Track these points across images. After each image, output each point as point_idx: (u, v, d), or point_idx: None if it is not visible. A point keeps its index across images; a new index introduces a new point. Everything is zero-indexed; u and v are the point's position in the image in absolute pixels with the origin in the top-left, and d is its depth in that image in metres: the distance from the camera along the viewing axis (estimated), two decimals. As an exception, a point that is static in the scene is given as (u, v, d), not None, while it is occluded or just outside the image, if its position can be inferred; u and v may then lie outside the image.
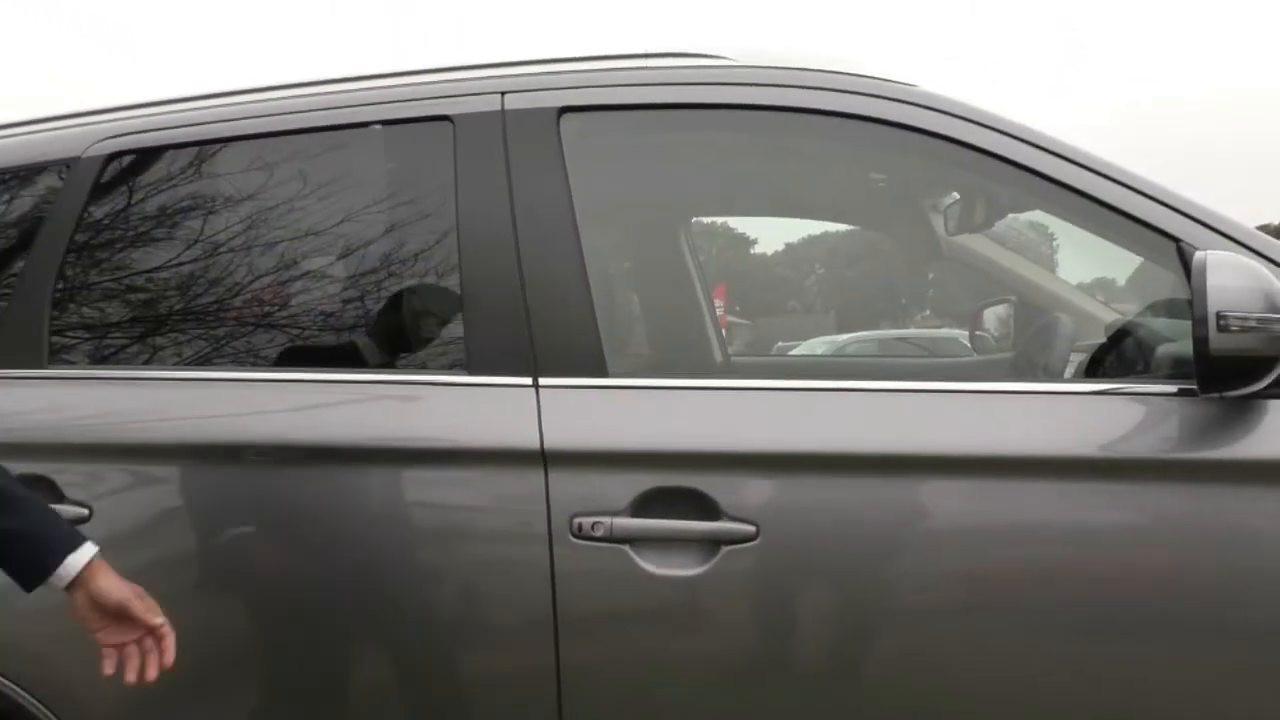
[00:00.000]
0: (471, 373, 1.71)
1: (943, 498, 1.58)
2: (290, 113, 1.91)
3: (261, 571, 1.74)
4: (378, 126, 1.90)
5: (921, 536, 1.59)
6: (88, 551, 1.46)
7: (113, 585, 1.46)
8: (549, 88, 1.82)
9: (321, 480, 1.71)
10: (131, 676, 1.48)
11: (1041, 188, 1.66)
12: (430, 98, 1.85)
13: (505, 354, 1.69)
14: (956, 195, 2.34)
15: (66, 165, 1.94)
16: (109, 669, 1.48)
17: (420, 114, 1.85)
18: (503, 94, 1.82)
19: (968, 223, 2.29)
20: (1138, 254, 1.71)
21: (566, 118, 1.79)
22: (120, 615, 1.47)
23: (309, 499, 1.72)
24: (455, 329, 1.77)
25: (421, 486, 1.71)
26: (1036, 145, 1.65)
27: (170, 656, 1.48)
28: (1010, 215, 2.17)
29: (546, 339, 1.69)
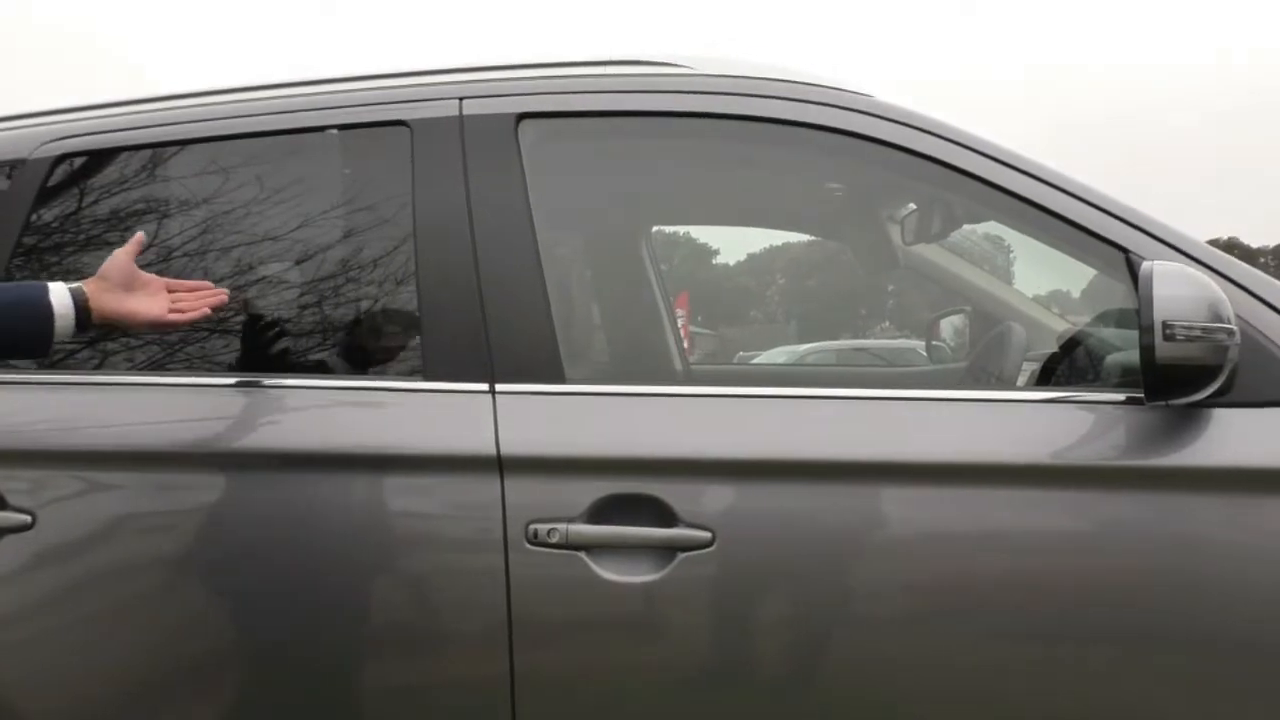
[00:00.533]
0: (428, 379, 1.70)
1: (898, 504, 1.59)
2: (245, 115, 1.89)
3: (211, 579, 1.71)
4: (334, 131, 1.88)
5: (876, 543, 1.59)
6: (59, 293, 1.55)
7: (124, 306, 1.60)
8: (508, 94, 1.81)
9: (275, 487, 1.69)
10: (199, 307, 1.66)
11: (994, 198, 1.68)
12: (387, 102, 1.84)
13: (462, 360, 1.69)
14: (913, 205, 2.36)
15: (13, 166, 1.91)
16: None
17: (377, 119, 1.84)
18: (461, 99, 1.81)
19: (924, 233, 2.31)
20: (1088, 264, 1.74)
21: (525, 124, 1.79)
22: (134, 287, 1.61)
23: (262, 505, 1.69)
24: (412, 335, 1.76)
25: (377, 492, 1.69)
26: (988, 155, 1.67)
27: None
28: (967, 226, 2.20)
29: (503, 345, 1.68)
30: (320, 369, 1.86)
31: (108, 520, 1.73)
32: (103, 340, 1.90)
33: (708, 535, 1.57)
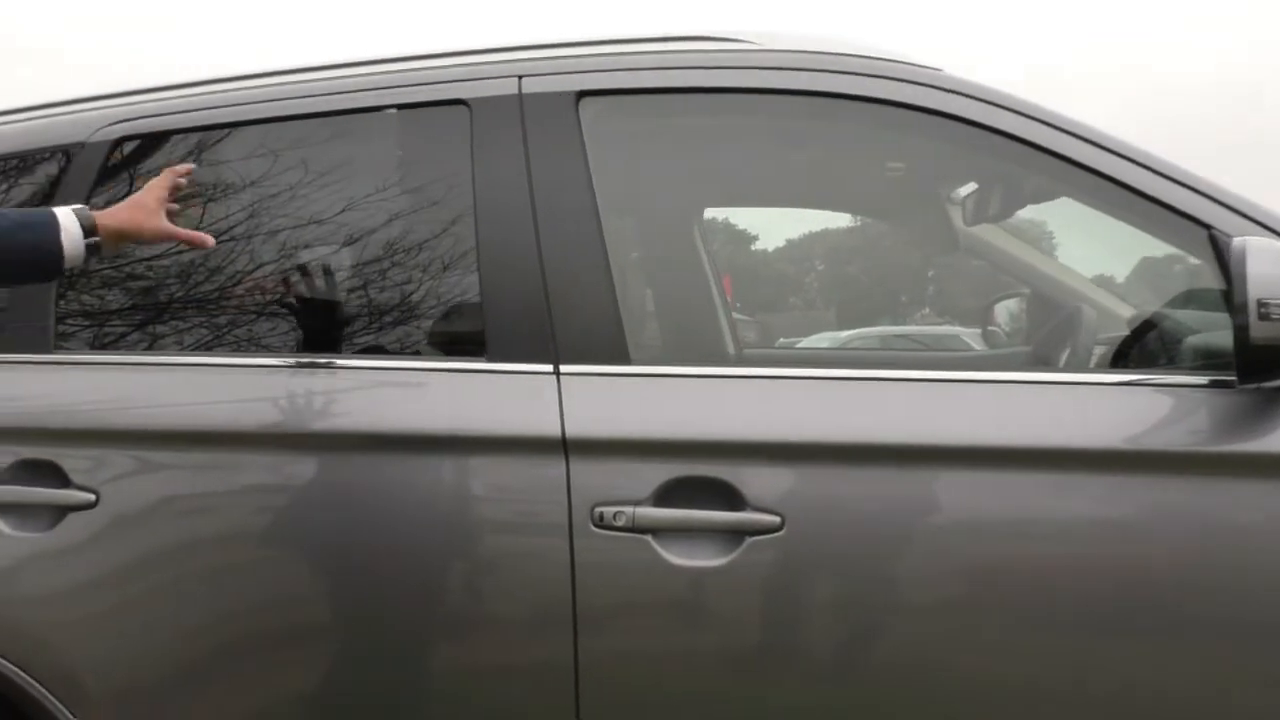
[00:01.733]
0: (491, 360, 1.68)
1: (970, 490, 1.55)
2: (303, 96, 1.88)
3: (272, 559, 1.71)
4: (392, 111, 1.87)
5: (949, 529, 1.56)
6: (67, 221, 1.55)
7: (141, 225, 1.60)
8: (568, 71, 1.79)
9: (337, 467, 1.69)
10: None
11: (1071, 174, 1.64)
12: (446, 81, 1.82)
13: (525, 341, 1.67)
14: (974, 185, 2.31)
15: (73, 150, 1.91)
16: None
17: (436, 98, 1.82)
18: (520, 77, 1.79)
19: (986, 213, 2.26)
20: (1166, 241, 1.69)
21: (585, 101, 1.76)
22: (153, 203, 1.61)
23: (323, 486, 1.69)
24: (474, 315, 1.74)
25: (439, 474, 1.68)
26: (1066, 130, 1.63)
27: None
28: (1030, 205, 2.14)
29: (567, 325, 1.66)
30: (382, 350, 1.85)
31: (168, 499, 1.73)
32: (158, 321, 1.90)
33: (777, 519, 1.54)
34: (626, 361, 1.66)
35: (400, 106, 1.85)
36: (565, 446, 1.60)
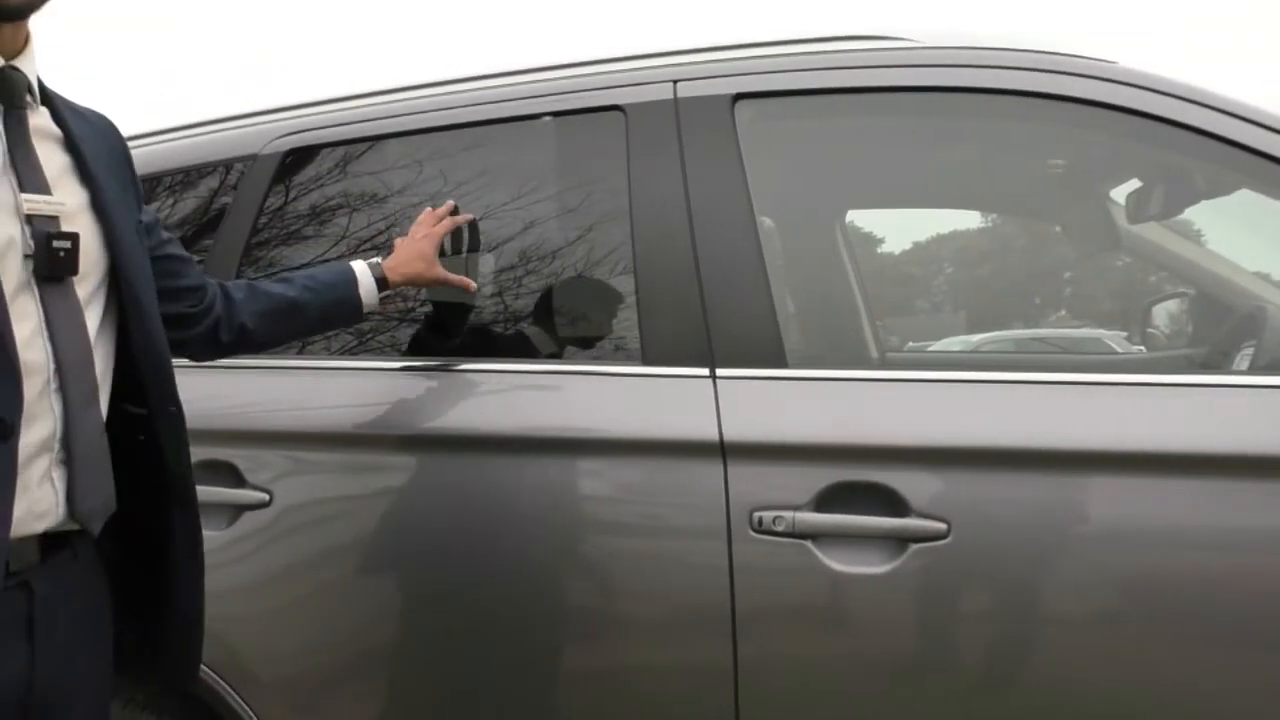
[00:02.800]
0: (647, 363, 1.69)
1: (1143, 497, 1.48)
2: (460, 106, 1.93)
3: (441, 561, 1.74)
4: (548, 118, 1.89)
5: (1122, 538, 1.49)
6: (364, 277, 1.73)
7: (420, 274, 1.79)
8: (722, 74, 1.78)
9: (494, 471, 1.71)
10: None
11: (1257, 166, 1.55)
12: (602, 88, 1.84)
13: (682, 345, 1.67)
14: (1138, 182, 2.22)
15: (247, 161, 2.00)
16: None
17: (592, 104, 1.84)
18: (675, 82, 1.79)
19: (1151, 210, 2.16)
20: None
21: (741, 104, 1.75)
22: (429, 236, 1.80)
23: (484, 490, 1.72)
24: (630, 319, 1.75)
25: (597, 478, 1.69)
26: (1252, 120, 1.54)
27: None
28: (1204, 200, 2.04)
29: (724, 329, 1.66)
30: (539, 354, 1.88)
31: (340, 499, 1.79)
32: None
33: (943, 526, 1.50)
34: (783, 365, 1.64)
35: (557, 113, 1.88)
36: (723, 450, 1.59)
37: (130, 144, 1.39)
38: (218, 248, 1.97)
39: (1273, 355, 1.81)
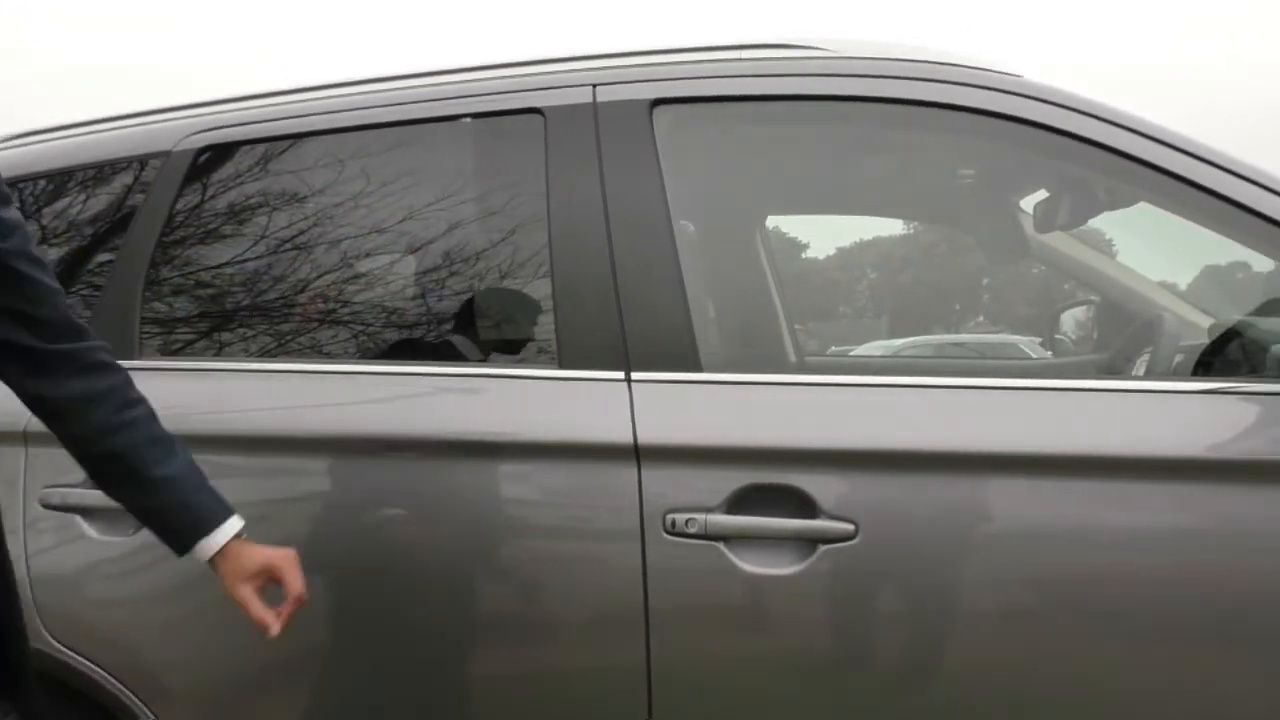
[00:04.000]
0: (563, 367, 1.69)
1: (1046, 498, 1.53)
2: (381, 105, 1.91)
3: (347, 566, 1.73)
4: (467, 120, 1.89)
5: (1026, 538, 1.54)
6: (224, 533, 1.49)
7: (234, 584, 1.50)
8: (642, 80, 1.80)
9: (409, 474, 1.70)
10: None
11: (1157, 181, 1.61)
12: (521, 90, 1.84)
13: (597, 348, 1.68)
14: (1045, 192, 2.29)
15: (158, 159, 1.96)
16: (275, 631, 1.51)
17: (511, 106, 1.84)
18: (594, 86, 1.80)
19: (1057, 220, 2.23)
20: (1254, 249, 1.66)
21: (660, 110, 1.77)
22: (265, 579, 1.51)
23: (400, 493, 1.71)
24: (546, 323, 1.75)
25: (512, 481, 1.70)
26: (1153, 138, 1.60)
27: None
28: (1105, 212, 2.12)
29: (639, 333, 1.67)
30: (455, 356, 1.87)
31: (253, 504, 1.74)
32: (238, 327, 1.93)
33: (851, 527, 1.54)
34: (698, 369, 1.66)
35: (477, 115, 1.87)
36: (637, 454, 1.60)
37: (36, 139, 1.35)
38: (126, 247, 1.92)
39: (1167, 361, 1.89)
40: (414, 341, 1.90)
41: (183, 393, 1.83)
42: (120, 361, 1.80)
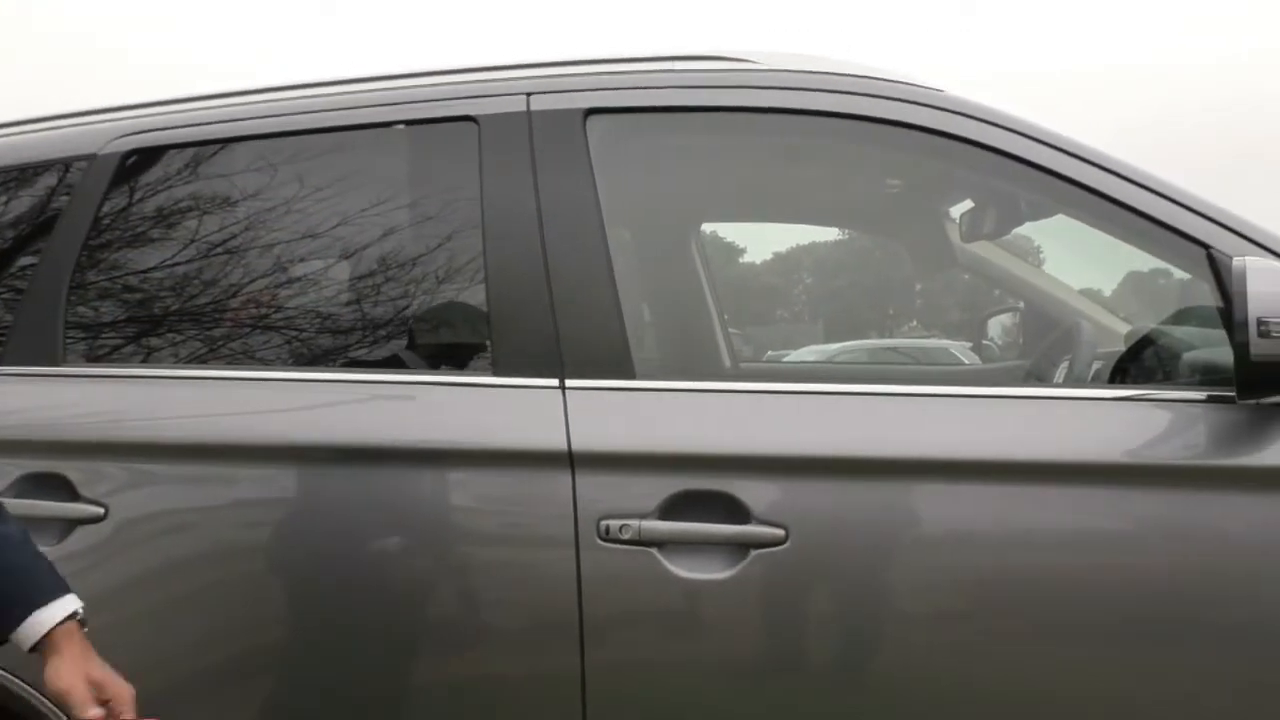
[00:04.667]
0: (497, 374, 1.70)
1: (971, 503, 1.58)
2: (312, 111, 1.90)
3: (279, 573, 1.72)
4: (401, 126, 1.89)
5: (950, 541, 1.58)
6: (51, 618, 1.30)
7: (61, 670, 1.30)
8: (575, 89, 1.81)
9: (343, 481, 1.70)
10: None
11: (1070, 194, 1.67)
12: (455, 98, 1.84)
13: (531, 355, 1.69)
14: (971, 202, 2.35)
15: (84, 161, 1.93)
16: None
17: (445, 114, 1.84)
18: (528, 95, 1.81)
19: (983, 230, 2.30)
20: (1164, 259, 1.72)
21: (593, 119, 1.78)
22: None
23: (330, 500, 1.70)
24: (481, 330, 1.76)
25: (446, 488, 1.70)
26: (1066, 151, 1.66)
27: None
28: (1027, 223, 2.18)
29: (574, 341, 1.68)
30: (390, 364, 1.87)
31: (178, 512, 1.74)
32: (169, 333, 1.91)
33: (781, 532, 1.56)
34: (631, 376, 1.68)
35: (409, 122, 1.87)
36: (571, 460, 1.61)
37: None
38: (50, 251, 1.89)
39: (1086, 368, 1.95)
40: (348, 348, 1.89)
41: (109, 399, 1.81)
42: (45, 368, 1.77)
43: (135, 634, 1.70)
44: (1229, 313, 1.46)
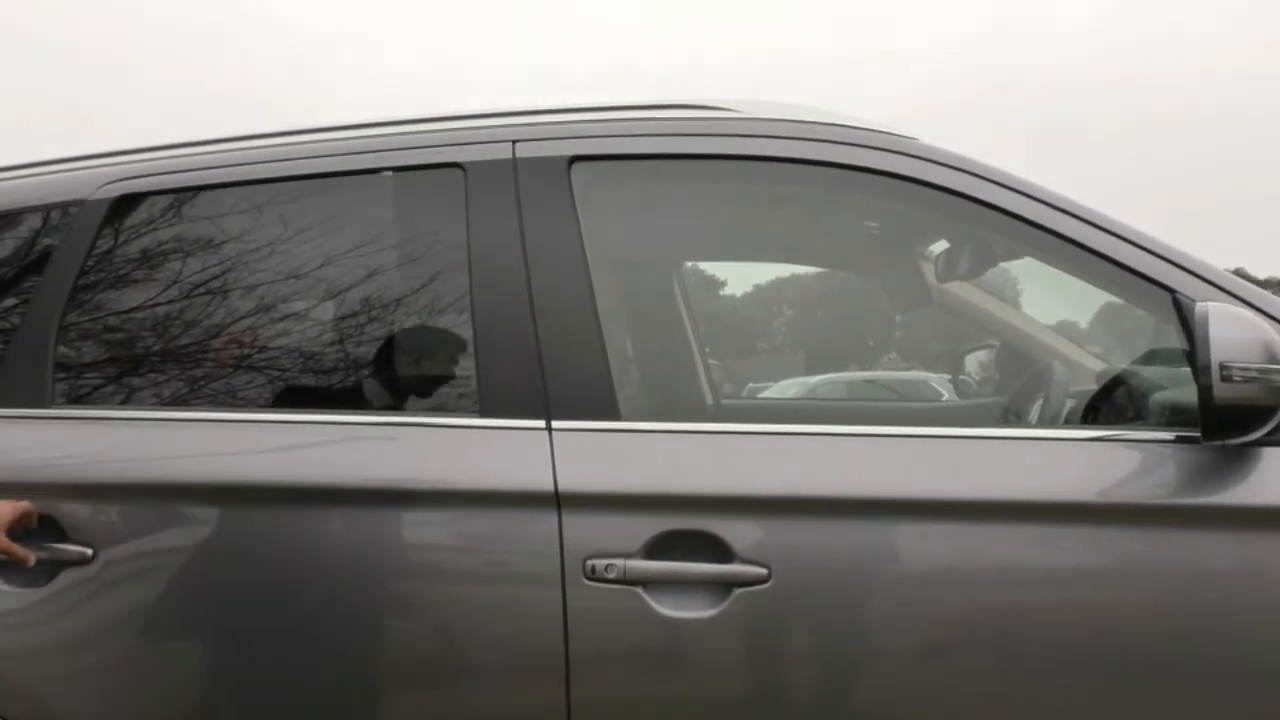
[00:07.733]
0: (485, 415, 1.73)
1: (951, 542, 1.61)
2: (300, 158, 1.93)
3: (267, 614, 1.73)
4: (389, 173, 1.92)
5: (930, 580, 1.61)
6: None
7: None
8: (560, 136, 1.85)
9: (333, 523, 1.72)
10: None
11: (1037, 238, 1.72)
12: (442, 145, 1.88)
13: (518, 397, 1.72)
14: (946, 244, 2.40)
15: (74, 207, 1.95)
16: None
17: (431, 161, 1.88)
18: (514, 142, 1.85)
19: (958, 271, 2.35)
20: (1129, 303, 1.77)
21: (577, 166, 1.83)
22: None
23: (320, 541, 1.72)
24: (468, 373, 1.79)
25: (433, 529, 1.72)
26: (1032, 196, 1.72)
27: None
28: (1000, 264, 2.24)
29: (559, 382, 1.71)
30: (378, 406, 1.89)
31: (166, 553, 1.75)
32: (157, 376, 1.93)
33: (763, 571, 1.59)
34: (616, 417, 1.71)
35: (398, 169, 1.91)
36: (558, 500, 1.64)
37: None
38: (40, 295, 1.91)
39: (1059, 408, 1.99)
40: (336, 390, 1.92)
41: (98, 441, 1.82)
42: (34, 410, 1.79)
43: (122, 675, 1.71)
44: (1193, 356, 1.51)
